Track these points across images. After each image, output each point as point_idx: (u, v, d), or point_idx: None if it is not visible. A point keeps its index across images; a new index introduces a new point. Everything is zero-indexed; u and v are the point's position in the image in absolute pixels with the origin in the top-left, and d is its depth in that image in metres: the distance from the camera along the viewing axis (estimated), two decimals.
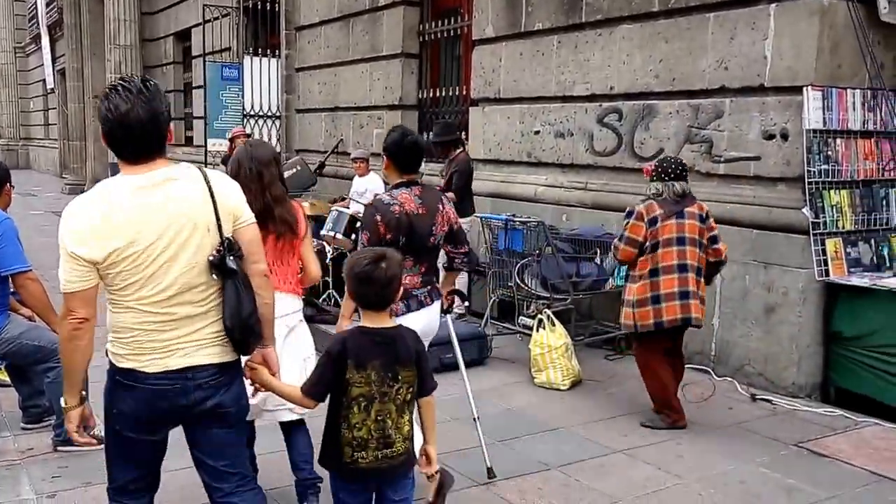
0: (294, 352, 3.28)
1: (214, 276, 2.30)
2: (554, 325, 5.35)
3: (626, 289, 4.52)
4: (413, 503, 2.71)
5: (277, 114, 11.09)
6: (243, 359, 2.51)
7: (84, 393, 2.41)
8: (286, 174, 10.22)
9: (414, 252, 3.31)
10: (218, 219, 2.31)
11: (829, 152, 4.93)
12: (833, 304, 4.92)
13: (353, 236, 7.51)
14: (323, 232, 7.59)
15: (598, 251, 5.91)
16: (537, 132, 7.02)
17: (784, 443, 4.28)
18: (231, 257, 2.30)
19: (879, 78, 5.05)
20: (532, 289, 5.77)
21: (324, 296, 7.24)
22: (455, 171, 6.77)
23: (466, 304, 7.02)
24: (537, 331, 5.34)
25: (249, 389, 2.64)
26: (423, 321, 3.28)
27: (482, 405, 4.88)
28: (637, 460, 4.06)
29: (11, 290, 4.07)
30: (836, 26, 4.91)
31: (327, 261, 7.35)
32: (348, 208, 8.04)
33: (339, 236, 7.44)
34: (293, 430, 3.37)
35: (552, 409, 4.83)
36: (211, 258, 2.29)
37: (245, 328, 2.33)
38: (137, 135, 2.24)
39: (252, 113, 10.94)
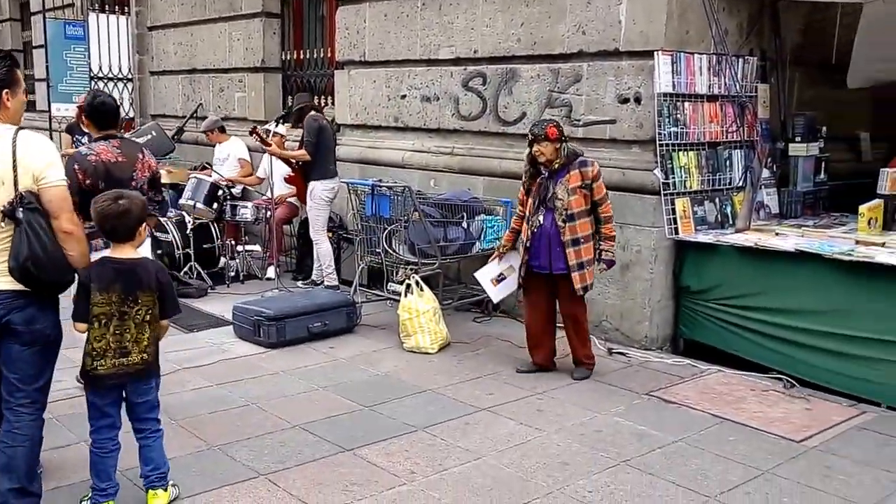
0: None
1: (3, 223, 2.74)
2: (422, 289, 5.37)
3: (587, 248, 4.55)
4: (156, 405, 3.18)
5: (129, 76, 10.42)
6: None
7: None
8: (140, 141, 9.69)
9: None
10: (15, 175, 2.73)
11: (679, 115, 5.16)
12: (682, 261, 5.20)
13: (216, 205, 7.22)
14: (181, 201, 7.25)
15: (465, 215, 5.95)
16: (404, 96, 6.96)
17: (637, 392, 4.51)
18: (21, 209, 2.72)
19: (724, 43, 5.31)
20: (400, 254, 5.75)
21: (185, 268, 6.93)
22: (303, 132, 6.63)
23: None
24: (405, 296, 5.34)
25: None
26: None
27: (351, 372, 4.88)
28: (501, 417, 4.16)
29: None
30: None
31: (188, 231, 7.03)
32: (210, 176, 7.72)
33: (200, 205, 7.13)
34: None
35: (420, 372, 4.86)
36: (2, 208, 2.73)
37: (22, 270, 2.76)
38: None
39: (100, 75, 10.22)
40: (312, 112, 6.78)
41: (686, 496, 3.33)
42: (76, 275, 2.96)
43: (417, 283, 5.38)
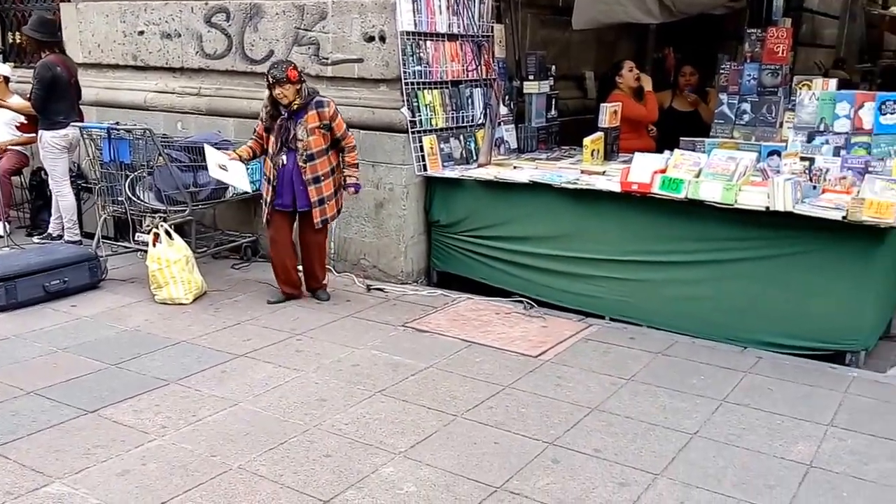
0: None
1: None
2: (172, 238, 5.12)
3: (334, 180, 4.86)
4: None
5: None
6: None
7: None
8: None
9: None
10: None
11: (422, 54, 5.29)
12: (431, 197, 5.42)
13: None
14: None
15: None
16: (141, 32, 6.44)
17: (393, 325, 4.69)
18: None
19: None
20: (146, 202, 5.42)
21: None
22: (33, 79, 5.94)
23: None
24: (154, 246, 5.08)
25: None
26: None
27: (96, 330, 4.58)
28: (259, 361, 4.14)
29: None
30: None
31: None
32: None
33: None
34: None
35: (174, 324, 4.68)
36: None
37: None
38: None
39: None
40: (50, 56, 6.00)
41: (436, 417, 3.55)
42: None
43: (167, 231, 5.12)
